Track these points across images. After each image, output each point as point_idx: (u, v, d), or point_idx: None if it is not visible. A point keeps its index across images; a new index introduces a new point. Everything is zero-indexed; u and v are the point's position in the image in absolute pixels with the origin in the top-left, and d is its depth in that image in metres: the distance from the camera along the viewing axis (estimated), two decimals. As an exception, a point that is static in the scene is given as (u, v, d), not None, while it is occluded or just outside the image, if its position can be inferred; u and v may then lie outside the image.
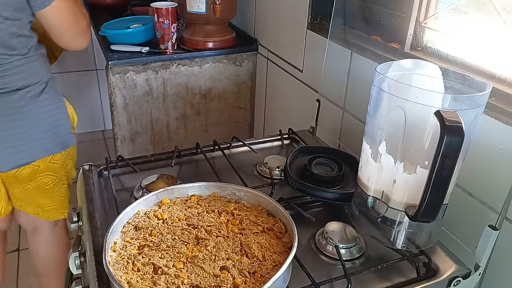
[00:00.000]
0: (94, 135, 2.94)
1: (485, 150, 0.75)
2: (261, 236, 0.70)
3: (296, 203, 0.84)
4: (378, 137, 0.69)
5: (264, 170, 0.98)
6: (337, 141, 1.17)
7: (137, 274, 0.62)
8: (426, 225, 0.69)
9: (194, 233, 0.70)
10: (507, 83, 0.75)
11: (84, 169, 0.95)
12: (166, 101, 1.62)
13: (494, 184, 0.74)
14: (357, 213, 0.76)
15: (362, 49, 1.04)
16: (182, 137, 1.72)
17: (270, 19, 1.56)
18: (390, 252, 0.75)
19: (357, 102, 1.08)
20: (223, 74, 1.67)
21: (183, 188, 0.79)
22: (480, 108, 0.64)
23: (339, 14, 1.09)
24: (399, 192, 0.68)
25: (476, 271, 0.72)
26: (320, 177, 0.88)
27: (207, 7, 1.51)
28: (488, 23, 0.80)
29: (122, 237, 0.69)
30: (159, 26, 1.52)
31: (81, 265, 0.84)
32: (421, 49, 0.95)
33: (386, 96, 0.66)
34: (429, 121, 0.61)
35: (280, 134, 1.12)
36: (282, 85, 1.54)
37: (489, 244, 0.70)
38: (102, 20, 1.70)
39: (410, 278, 0.71)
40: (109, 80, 1.51)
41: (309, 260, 0.73)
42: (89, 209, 0.83)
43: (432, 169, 0.59)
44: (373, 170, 0.71)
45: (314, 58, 1.30)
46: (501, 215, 0.74)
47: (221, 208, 0.76)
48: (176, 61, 1.57)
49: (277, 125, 1.44)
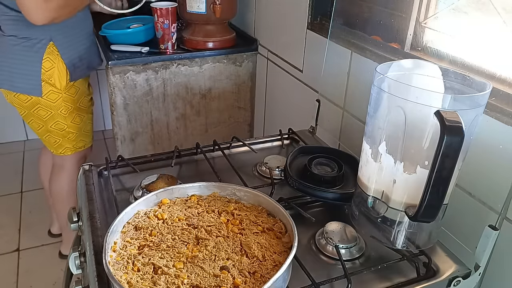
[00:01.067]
0: (94, 135, 2.93)
1: (485, 150, 0.75)
2: (261, 236, 0.70)
3: (296, 203, 0.84)
4: (378, 137, 0.69)
5: (264, 170, 0.98)
6: (337, 141, 1.17)
7: (137, 274, 0.62)
8: (426, 225, 0.69)
9: (194, 233, 0.70)
10: (507, 83, 0.75)
11: (84, 169, 0.95)
12: (166, 101, 1.62)
13: (494, 184, 0.74)
14: (357, 213, 0.76)
15: (362, 49, 1.04)
16: (182, 137, 1.72)
17: (270, 19, 1.56)
18: (390, 252, 0.75)
19: (357, 102, 1.08)
20: (223, 74, 1.67)
21: (183, 188, 0.79)
22: (480, 108, 0.64)
23: (339, 14, 1.09)
24: (399, 192, 0.68)
25: (476, 271, 0.72)
26: (320, 177, 0.88)
27: (207, 7, 1.51)
28: (488, 23, 0.80)
29: (122, 237, 0.69)
30: (159, 26, 1.52)
31: (81, 265, 0.84)
32: (421, 49, 0.95)
33: (386, 96, 0.66)
34: (429, 121, 0.61)
35: (280, 134, 1.12)
36: (282, 85, 1.54)
37: (489, 244, 0.70)
38: (102, 20, 1.70)
39: (410, 278, 0.71)
40: (109, 80, 1.51)
41: (309, 260, 0.73)
42: (89, 209, 0.83)
43: (432, 169, 0.59)
44: (373, 170, 0.71)
45: (314, 58, 1.30)
46: (501, 215, 0.74)
47: (221, 208, 0.76)
48: (176, 61, 1.57)
49: (277, 125, 1.44)
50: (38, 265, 1.85)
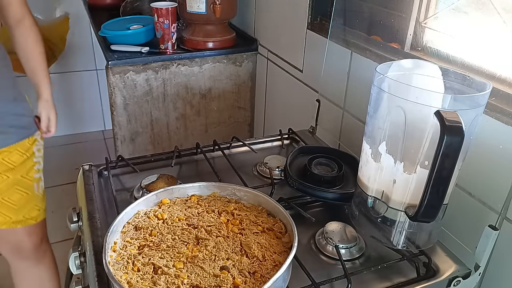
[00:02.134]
0: (94, 135, 2.95)
1: (485, 150, 0.75)
2: (261, 236, 0.70)
3: (296, 203, 0.84)
4: (378, 137, 0.69)
5: (264, 170, 0.98)
6: (337, 141, 1.17)
7: (137, 274, 0.62)
8: (426, 225, 0.69)
9: (194, 233, 0.70)
10: (507, 83, 0.75)
11: (84, 169, 0.95)
12: (166, 101, 1.62)
13: (494, 184, 0.74)
14: (357, 213, 0.76)
15: (362, 49, 1.04)
16: (182, 137, 1.72)
17: (270, 19, 1.56)
18: (390, 252, 0.75)
19: (357, 102, 1.08)
20: (223, 74, 1.67)
21: (183, 188, 0.79)
22: (480, 108, 0.64)
23: (339, 14, 1.09)
24: (399, 192, 0.68)
25: (476, 271, 0.72)
26: (320, 177, 0.88)
27: (207, 7, 1.51)
28: (488, 23, 0.80)
29: (122, 237, 0.69)
30: (159, 26, 1.52)
31: (81, 265, 0.84)
32: (421, 49, 0.95)
33: (386, 96, 0.66)
34: (429, 121, 0.61)
35: (280, 134, 1.12)
36: (282, 85, 1.54)
37: (489, 244, 0.70)
38: (102, 20, 1.70)
39: (410, 278, 0.71)
40: (109, 80, 1.51)
41: (309, 260, 0.73)
42: (89, 209, 0.83)
43: (432, 169, 0.59)
44: (373, 170, 0.71)
45: (314, 58, 1.30)
46: (501, 215, 0.74)
47: (221, 208, 0.76)
48: (176, 61, 1.57)
49: (277, 125, 1.44)
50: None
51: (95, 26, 1.79)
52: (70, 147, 2.80)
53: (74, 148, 2.80)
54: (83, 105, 2.86)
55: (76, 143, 2.85)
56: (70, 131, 2.90)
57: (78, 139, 2.89)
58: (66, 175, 2.39)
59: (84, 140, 2.88)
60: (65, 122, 2.87)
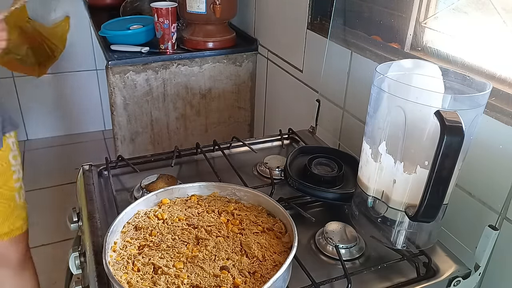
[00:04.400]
0: (94, 135, 2.95)
1: (485, 150, 0.75)
2: (261, 236, 0.70)
3: (296, 203, 0.84)
4: (378, 137, 0.69)
5: (264, 170, 0.98)
6: (337, 141, 1.17)
7: (137, 274, 0.62)
8: (426, 225, 0.69)
9: (194, 233, 0.70)
10: (507, 83, 0.75)
11: (84, 169, 0.95)
12: (166, 101, 1.62)
13: (494, 184, 0.74)
14: (357, 213, 0.76)
15: (362, 49, 1.04)
16: (182, 137, 1.72)
17: (270, 19, 1.56)
18: (390, 252, 0.75)
19: (357, 102, 1.08)
20: (223, 74, 1.67)
21: (183, 188, 0.79)
22: (480, 108, 0.64)
23: (339, 14, 1.09)
24: (399, 192, 0.68)
25: (476, 271, 0.72)
26: (320, 177, 0.88)
27: (207, 7, 1.51)
28: (488, 23, 0.80)
29: (122, 237, 0.69)
30: (159, 26, 1.52)
31: (81, 265, 0.84)
32: (421, 49, 0.95)
33: (386, 96, 0.66)
34: (429, 121, 0.61)
35: (280, 134, 1.12)
36: (282, 85, 1.54)
37: (489, 244, 0.70)
38: (102, 20, 1.70)
39: (410, 278, 0.71)
40: (109, 80, 1.51)
41: (309, 260, 0.73)
42: (89, 209, 0.83)
43: (432, 169, 0.59)
44: (373, 170, 0.71)
45: (314, 58, 1.30)
46: (501, 215, 0.74)
47: (221, 208, 0.76)
48: (176, 61, 1.57)
49: (277, 125, 1.45)
50: (37, 265, 1.84)
51: (95, 26, 1.79)
52: (70, 147, 2.80)
53: (74, 148, 2.80)
54: (83, 105, 2.86)
55: (76, 143, 2.85)
56: (70, 131, 2.90)
57: (78, 139, 2.89)
58: (66, 175, 2.40)
59: (84, 140, 2.88)
60: (65, 122, 2.88)
